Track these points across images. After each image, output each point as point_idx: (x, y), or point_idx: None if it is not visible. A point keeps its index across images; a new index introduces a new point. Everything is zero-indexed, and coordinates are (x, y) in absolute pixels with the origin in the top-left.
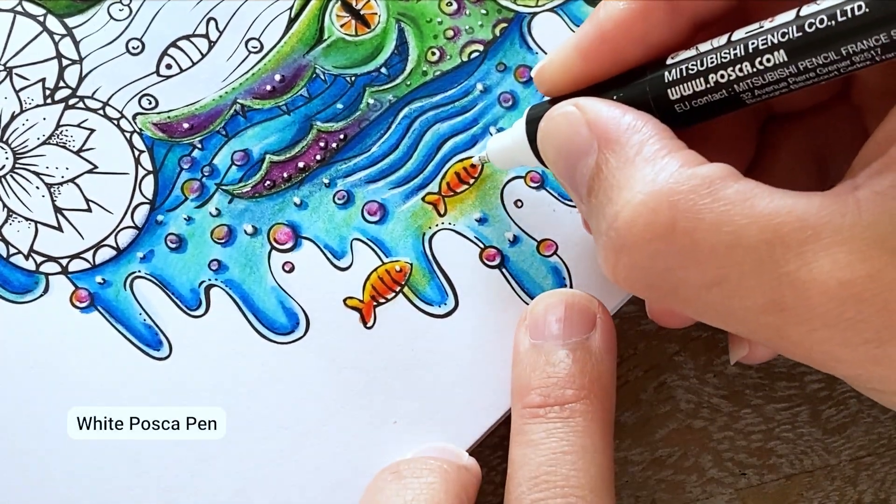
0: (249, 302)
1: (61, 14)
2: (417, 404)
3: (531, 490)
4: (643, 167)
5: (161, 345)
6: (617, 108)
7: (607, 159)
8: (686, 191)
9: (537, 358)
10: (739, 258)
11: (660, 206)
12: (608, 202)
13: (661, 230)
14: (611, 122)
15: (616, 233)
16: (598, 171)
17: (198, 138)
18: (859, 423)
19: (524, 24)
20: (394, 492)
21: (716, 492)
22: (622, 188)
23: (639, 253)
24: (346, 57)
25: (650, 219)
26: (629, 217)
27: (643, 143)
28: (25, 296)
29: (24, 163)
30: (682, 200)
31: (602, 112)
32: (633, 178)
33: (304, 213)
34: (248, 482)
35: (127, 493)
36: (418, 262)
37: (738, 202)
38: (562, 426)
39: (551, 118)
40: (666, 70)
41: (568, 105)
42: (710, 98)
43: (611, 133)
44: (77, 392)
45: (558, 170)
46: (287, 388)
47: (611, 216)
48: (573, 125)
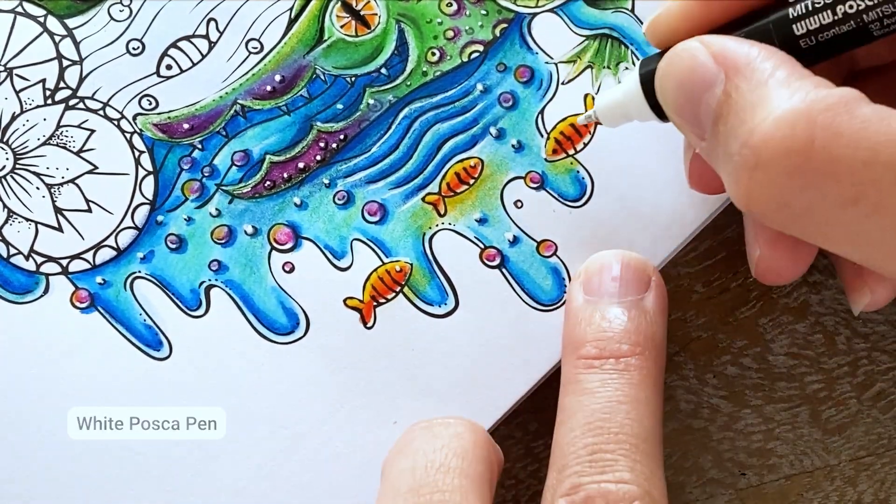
0: (249, 302)
1: (62, 15)
2: (417, 404)
3: (585, 434)
4: (777, 88)
5: (161, 345)
6: (743, 42)
7: (737, 86)
8: (823, 108)
9: (592, 313)
10: (878, 175)
11: (798, 121)
12: (741, 123)
13: (799, 145)
14: (739, 52)
15: (751, 150)
16: (727, 97)
17: (198, 139)
18: (859, 423)
19: (524, 25)
20: (425, 440)
21: (716, 492)
22: (756, 107)
23: (775, 168)
24: (346, 57)
25: (788, 133)
26: (767, 132)
27: (776, 68)
28: (26, 296)
29: (25, 163)
30: (821, 117)
31: (728, 44)
32: (768, 97)
33: (304, 214)
34: (248, 482)
35: (127, 493)
36: (418, 263)
37: (876, 120)
38: (617, 377)
39: (675, 54)
40: (791, 6)
41: (691, 41)
42: (838, 31)
43: (740, 61)
44: (77, 392)
45: (679, 106)
46: (287, 388)
47: (745, 134)
48: (697, 58)
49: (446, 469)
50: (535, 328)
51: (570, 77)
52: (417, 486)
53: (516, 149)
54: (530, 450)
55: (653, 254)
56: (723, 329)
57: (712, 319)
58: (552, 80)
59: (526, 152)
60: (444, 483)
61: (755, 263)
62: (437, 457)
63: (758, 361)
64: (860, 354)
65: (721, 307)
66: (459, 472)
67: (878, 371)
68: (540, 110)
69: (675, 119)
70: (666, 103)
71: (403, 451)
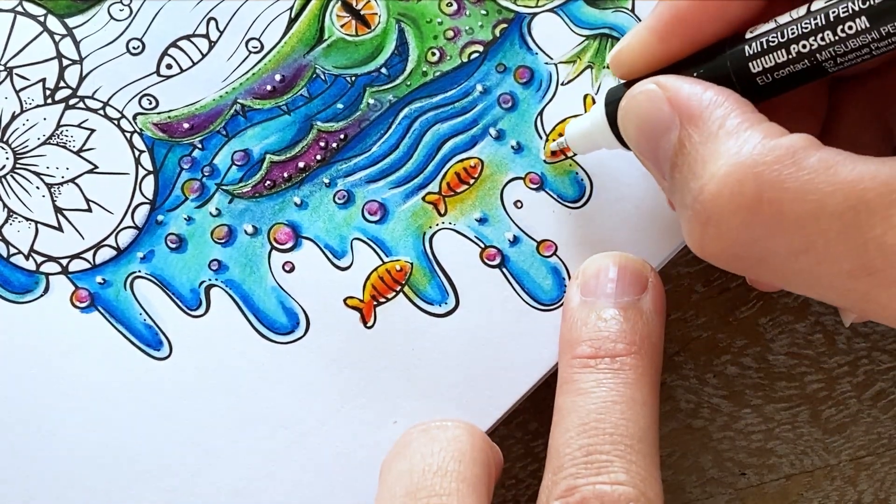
0: (250, 302)
1: (62, 14)
2: (417, 404)
3: (580, 435)
4: (726, 141)
5: (161, 345)
6: (697, 84)
7: (690, 135)
8: (770, 162)
9: (589, 313)
10: (825, 225)
11: (745, 177)
12: (693, 177)
13: (747, 201)
14: (692, 97)
15: (702, 206)
16: (682, 146)
17: (198, 138)
18: (859, 423)
19: (524, 25)
20: (422, 444)
21: (716, 492)
22: (706, 162)
23: (725, 224)
24: (346, 57)
25: (736, 190)
26: (715, 189)
27: (725, 117)
28: (26, 296)
29: (25, 163)
30: (767, 171)
31: (683, 88)
32: (716, 151)
33: (304, 213)
34: (248, 482)
35: (127, 493)
36: (418, 262)
37: (822, 170)
38: (612, 377)
39: (632, 97)
40: (746, 44)
41: (648, 83)
42: (793, 69)
43: (693, 108)
44: (77, 392)
45: (640, 148)
46: (287, 388)
47: (696, 190)
48: (654, 102)
49: (443, 472)
50: (535, 328)
51: (569, 77)
52: (414, 490)
53: (516, 150)
54: (530, 450)
55: (653, 254)
56: (723, 329)
57: (712, 319)
58: (552, 80)
59: (525, 153)
60: (441, 486)
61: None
62: (435, 460)
63: (758, 361)
64: (860, 354)
65: (721, 307)
66: (456, 476)
67: (878, 371)
68: (539, 111)
69: (638, 158)
70: (629, 142)
71: (401, 453)
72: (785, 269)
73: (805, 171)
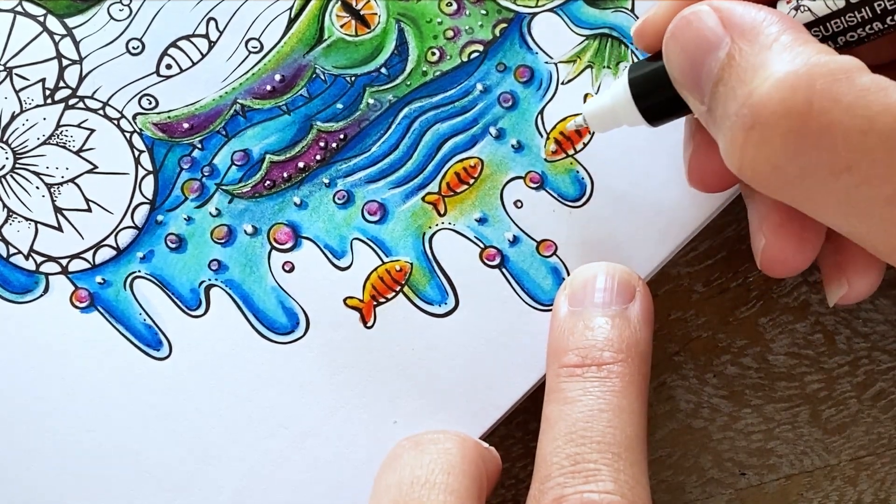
0: (249, 302)
1: (61, 14)
2: (417, 404)
3: (567, 444)
4: (780, 52)
5: (161, 345)
6: (751, 6)
7: (741, 48)
8: (824, 73)
9: (576, 322)
10: (872, 144)
11: (798, 84)
12: (741, 84)
13: (797, 108)
14: (746, 16)
15: (749, 110)
16: (731, 59)
17: (198, 138)
18: (859, 423)
19: (524, 25)
20: (412, 457)
21: (716, 492)
22: (758, 69)
23: (771, 130)
24: (346, 57)
25: (787, 95)
26: (766, 93)
27: (780, 33)
28: (25, 296)
29: (24, 163)
30: (821, 82)
31: (736, 8)
32: (770, 59)
33: (304, 213)
34: (248, 482)
35: (127, 493)
36: (418, 262)
37: (874, 90)
38: (599, 385)
39: (682, 17)
40: None
41: (701, 4)
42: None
43: (746, 24)
44: (77, 392)
45: (681, 68)
46: (287, 387)
47: (744, 95)
48: (704, 21)
49: (431, 485)
50: (535, 328)
51: (570, 77)
52: (401, 501)
53: (516, 149)
54: (530, 450)
55: (653, 253)
56: (723, 329)
57: (712, 319)
58: (552, 79)
59: (525, 152)
60: (429, 499)
61: (761, 253)
62: (423, 472)
63: (758, 361)
64: (860, 354)
65: (721, 307)
66: (444, 488)
67: (878, 371)
68: (540, 110)
69: (678, 83)
70: (671, 64)
71: (391, 466)
72: (823, 189)
73: (858, 88)
